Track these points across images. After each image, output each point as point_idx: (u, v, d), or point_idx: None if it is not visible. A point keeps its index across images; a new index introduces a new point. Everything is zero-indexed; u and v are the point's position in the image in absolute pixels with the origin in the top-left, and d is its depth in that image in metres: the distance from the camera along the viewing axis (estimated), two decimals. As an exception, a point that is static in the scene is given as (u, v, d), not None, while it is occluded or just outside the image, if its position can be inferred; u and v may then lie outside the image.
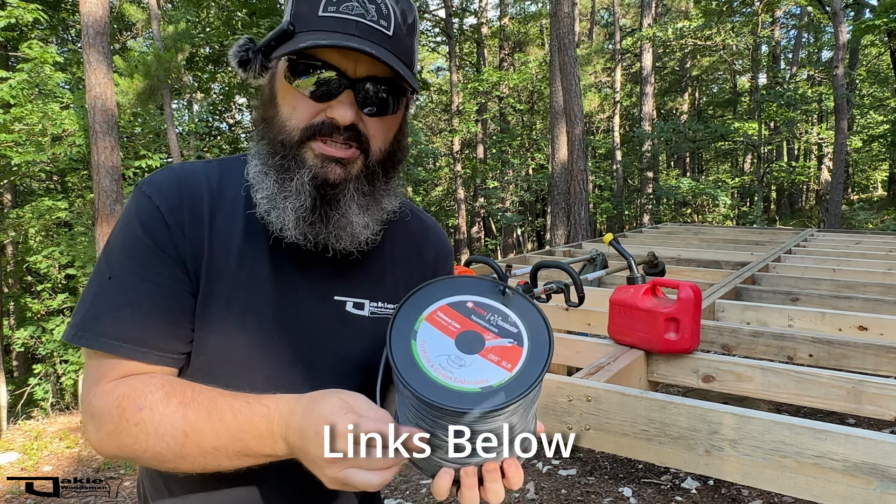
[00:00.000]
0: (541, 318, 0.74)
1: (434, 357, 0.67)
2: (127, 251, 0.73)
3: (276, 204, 0.73)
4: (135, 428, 0.67)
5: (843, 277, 3.30)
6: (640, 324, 1.92)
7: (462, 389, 0.65)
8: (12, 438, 4.90)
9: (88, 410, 0.72)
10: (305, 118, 0.72)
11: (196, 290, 0.75)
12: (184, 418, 0.66)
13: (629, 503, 3.25)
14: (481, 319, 0.71)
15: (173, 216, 0.74)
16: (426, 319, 0.69)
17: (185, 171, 0.79)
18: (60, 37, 13.66)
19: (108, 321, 0.71)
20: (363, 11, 0.70)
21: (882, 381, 1.68)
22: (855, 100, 17.66)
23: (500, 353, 0.69)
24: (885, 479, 1.23)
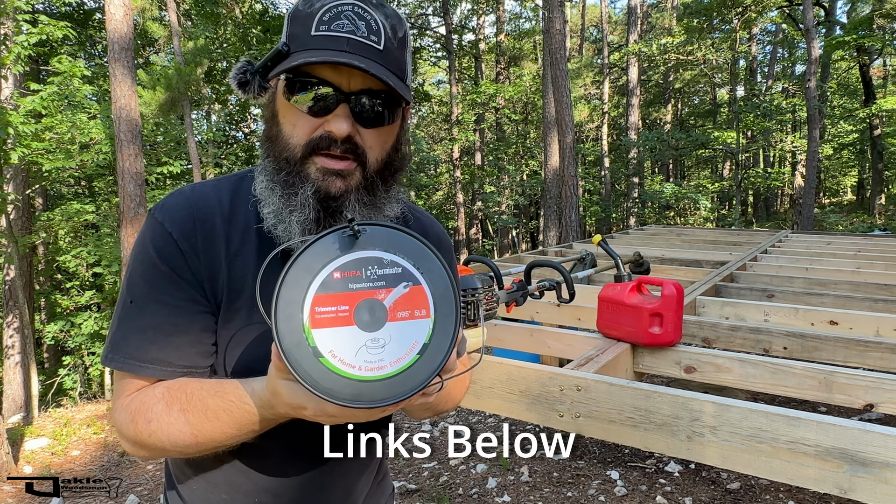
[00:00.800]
0: (408, 237, 0.61)
1: (353, 358, 0.56)
2: (145, 277, 0.73)
3: (283, 218, 0.73)
4: (149, 438, 0.70)
5: (815, 276, 3.30)
6: (627, 319, 1.92)
7: (405, 367, 0.57)
8: (43, 425, 4.90)
9: (114, 423, 0.76)
10: (306, 134, 0.72)
11: (215, 309, 0.75)
12: (187, 423, 0.69)
13: (616, 485, 3.25)
14: (360, 282, 0.58)
15: (187, 242, 0.73)
16: (313, 327, 0.57)
17: (196, 195, 0.77)
18: (88, 52, 13.66)
19: (134, 344, 0.72)
20: (353, 28, 0.69)
21: (851, 371, 1.68)
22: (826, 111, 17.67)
23: (406, 305, 0.59)
24: (853, 463, 1.23)
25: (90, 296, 10.81)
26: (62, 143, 7.92)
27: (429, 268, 0.60)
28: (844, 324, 2.34)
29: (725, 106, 20.48)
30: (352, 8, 0.70)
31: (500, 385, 1.72)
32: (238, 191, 0.79)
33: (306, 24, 0.69)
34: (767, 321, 2.48)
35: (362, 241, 0.59)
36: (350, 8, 0.70)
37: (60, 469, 3.92)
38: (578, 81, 19.27)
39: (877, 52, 17.86)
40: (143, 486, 3.64)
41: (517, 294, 1.99)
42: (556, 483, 3.30)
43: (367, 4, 0.71)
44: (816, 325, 2.39)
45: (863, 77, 17.27)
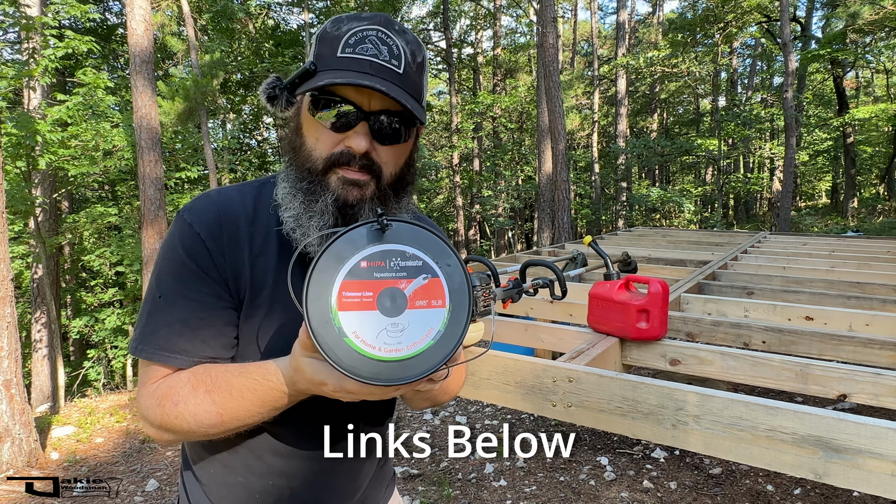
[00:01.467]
0: (427, 233, 0.63)
1: (374, 340, 0.58)
2: (173, 274, 0.74)
3: (302, 223, 0.73)
4: (176, 420, 0.71)
5: (791, 274, 3.30)
6: (616, 314, 1.92)
7: (420, 350, 0.59)
8: (69, 414, 4.91)
9: (139, 410, 0.76)
10: (327, 148, 0.73)
11: (238, 305, 0.76)
12: (213, 403, 0.69)
13: (606, 470, 3.26)
14: (384, 272, 0.60)
15: (214, 242, 0.74)
16: (340, 310, 0.58)
17: (222, 199, 0.79)
18: (111, 64, 13.66)
19: (163, 336, 0.73)
20: (377, 52, 0.70)
21: (825, 364, 1.68)
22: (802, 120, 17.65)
23: (424, 295, 0.61)
24: (828, 450, 1.23)
25: (113, 293, 10.81)
26: (87, 149, 7.92)
27: (446, 262, 0.62)
28: (819, 319, 2.34)
29: (708, 115, 20.49)
30: (376, 33, 0.71)
31: (497, 377, 1.72)
32: (260, 196, 0.81)
33: (333, 46, 0.71)
34: (747, 317, 2.48)
35: (388, 236, 0.61)
36: (374, 33, 0.71)
37: (85, 455, 3.93)
38: (570, 92, 19.26)
39: (850, 64, 17.87)
40: (162, 471, 3.64)
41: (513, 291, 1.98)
42: (550, 468, 3.30)
43: (391, 30, 0.72)
44: (793, 321, 2.39)
45: (837, 88, 17.28)
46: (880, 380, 1.60)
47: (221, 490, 0.84)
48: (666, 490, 3.01)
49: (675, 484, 3.07)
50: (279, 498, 0.83)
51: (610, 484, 3.10)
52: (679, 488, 3.02)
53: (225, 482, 0.83)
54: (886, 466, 1.17)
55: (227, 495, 0.83)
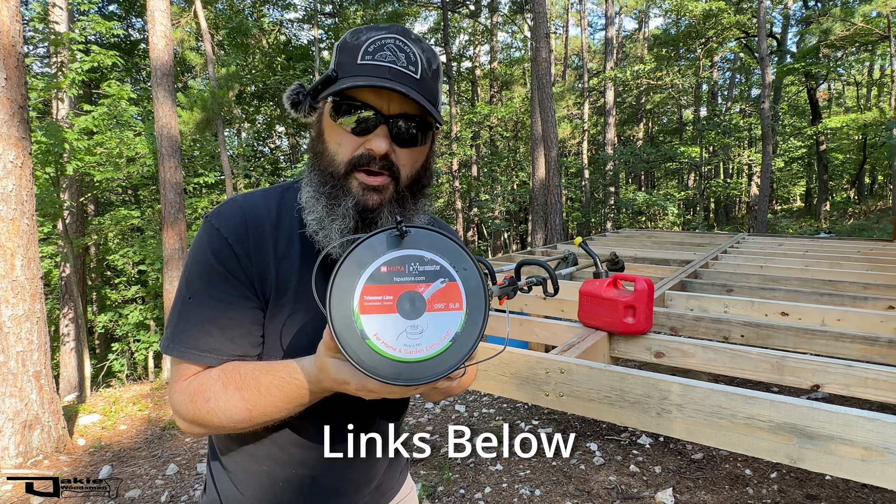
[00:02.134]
0: (445, 239, 0.61)
1: (395, 341, 0.57)
2: (202, 276, 0.73)
3: (324, 225, 0.72)
4: (207, 415, 0.70)
5: (768, 273, 3.30)
6: (604, 310, 1.92)
7: (439, 352, 0.58)
8: (95, 403, 4.91)
9: (172, 405, 0.75)
10: (349, 151, 0.71)
11: (264, 305, 0.75)
12: (242, 399, 0.69)
13: (595, 455, 3.25)
14: (403, 276, 0.59)
15: (241, 246, 0.73)
16: (361, 313, 0.57)
17: (248, 204, 0.77)
18: (134, 77, 13.65)
19: (193, 335, 0.73)
20: (395, 59, 0.69)
21: (800, 356, 1.68)
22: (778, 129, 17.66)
23: (442, 298, 0.59)
24: (802, 437, 1.23)
25: (135, 290, 10.81)
26: (111, 156, 7.92)
27: (463, 266, 0.61)
28: (794, 315, 2.34)
29: (690, 124, 20.49)
30: (394, 41, 0.70)
31: (494, 368, 1.72)
32: (284, 200, 0.79)
33: (353, 54, 0.70)
34: (727, 312, 2.48)
35: (407, 241, 0.60)
36: (392, 41, 0.70)
37: (109, 441, 3.92)
38: (562, 103, 19.26)
39: (822, 77, 17.87)
40: (181, 456, 3.64)
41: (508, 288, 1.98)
42: (542, 454, 3.30)
43: (407, 39, 0.72)
44: (770, 316, 2.39)
45: (810, 99, 17.27)
46: (851, 371, 1.60)
47: (247, 478, 0.83)
48: (651, 474, 3.01)
49: (660, 468, 3.07)
50: (301, 486, 0.82)
51: (599, 468, 3.10)
52: (663, 472, 3.02)
53: (251, 471, 0.83)
54: (856, 452, 1.17)
55: (253, 483, 0.83)
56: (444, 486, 2.98)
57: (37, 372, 3.52)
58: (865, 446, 1.16)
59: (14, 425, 3.41)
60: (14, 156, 3.39)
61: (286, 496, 0.82)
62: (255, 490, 0.83)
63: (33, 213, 3.54)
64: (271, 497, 0.82)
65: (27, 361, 3.47)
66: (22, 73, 3.44)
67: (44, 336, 3.58)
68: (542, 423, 3.76)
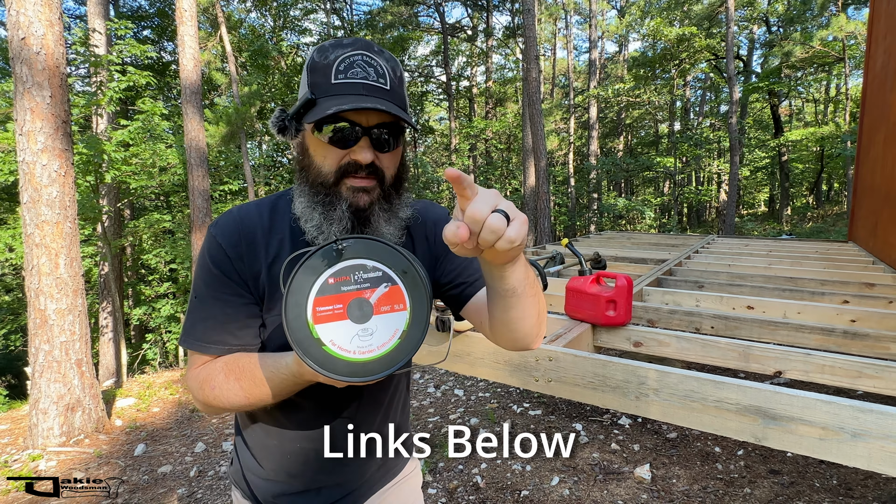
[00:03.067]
0: (383, 245, 0.61)
1: (349, 344, 0.58)
2: (204, 279, 0.75)
3: (323, 229, 0.72)
4: (214, 400, 0.73)
5: (735, 270, 3.30)
6: (588, 304, 1.92)
7: (389, 349, 0.58)
8: (130, 388, 4.90)
9: (188, 388, 0.79)
10: (335, 163, 0.71)
11: (259, 301, 0.76)
12: (241, 388, 0.72)
13: (580, 435, 3.25)
14: (349, 285, 0.59)
15: (234, 250, 0.74)
16: (316, 323, 0.57)
17: (242, 214, 0.77)
18: (165, 95, 13.64)
19: (200, 330, 0.75)
20: (366, 75, 0.68)
21: (763, 346, 1.68)
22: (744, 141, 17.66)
23: (387, 301, 0.59)
24: (766, 418, 1.23)
25: (167, 286, 10.80)
26: (145, 166, 7.91)
27: (402, 269, 0.60)
28: (759, 308, 2.35)
29: (665, 137, 20.48)
30: (361, 57, 0.69)
31: (489, 357, 1.73)
32: (276, 208, 0.79)
33: (325, 74, 0.68)
34: (698, 306, 2.48)
35: (350, 252, 0.59)
36: (360, 57, 0.69)
37: (143, 422, 3.92)
38: (550, 118, 19.25)
39: (784, 95, 17.87)
40: (208, 435, 3.64)
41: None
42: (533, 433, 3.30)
43: (372, 53, 0.70)
44: (737, 309, 2.39)
45: (773, 115, 17.26)
46: (810, 359, 1.60)
47: (263, 451, 0.85)
48: (630, 451, 3.01)
49: (638, 446, 3.07)
50: (307, 459, 0.83)
51: (584, 446, 3.10)
52: (641, 450, 3.02)
53: (265, 444, 0.84)
54: (815, 431, 1.17)
55: (267, 455, 0.85)
56: (445, 462, 2.98)
57: (78, 360, 3.52)
58: (823, 426, 1.16)
59: (58, 408, 3.41)
60: (58, 166, 3.39)
61: (294, 467, 0.84)
62: (270, 462, 0.84)
63: (75, 217, 3.54)
64: (281, 467, 0.84)
65: (70, 350, 3.47)
66: (65, 91, 3.44)
67: (85, 327, 3.58)
68: (533, 406, 3.76)
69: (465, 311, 0.83)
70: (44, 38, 3.29)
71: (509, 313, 0.68)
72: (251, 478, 0.87)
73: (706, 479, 2.67)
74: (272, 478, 0.85)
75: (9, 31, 3.29)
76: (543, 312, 0.75)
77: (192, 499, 2.76)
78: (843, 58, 13.96)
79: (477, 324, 0.80)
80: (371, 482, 0.90)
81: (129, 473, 3.04)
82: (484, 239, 0.52)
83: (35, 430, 3.37)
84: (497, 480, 2.75)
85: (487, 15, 17.88)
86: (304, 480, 0.84)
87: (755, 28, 18.13)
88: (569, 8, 20.60)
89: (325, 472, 0.85)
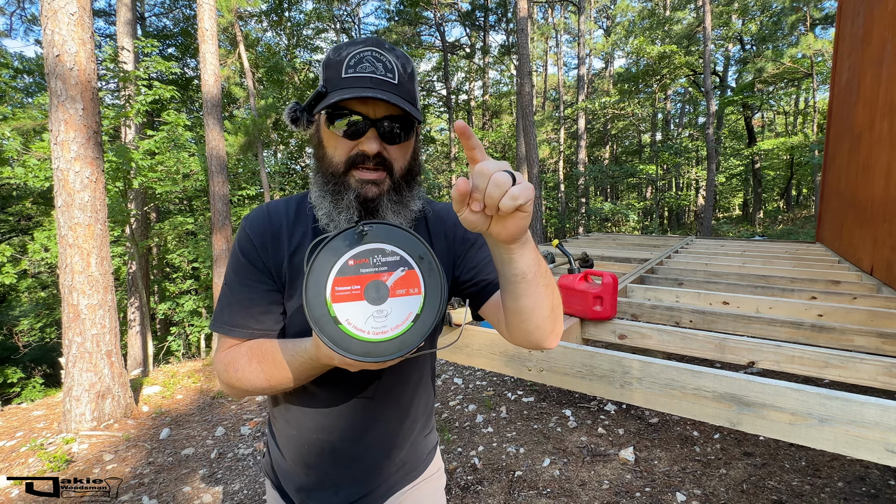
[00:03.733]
0: (403, 232, 0.59)
1: (364, 324, 0.56)
2: (234, 268, 0.75)
3: (333, 218, 0.71)
4: (237, 382, 0.72)
5: (712, 269, 3.30)
6: (577, 300, 1.92)
7: (403, 331, 0.56)
8: (156, 377, 4.90)
9: (215, 370, 0.77)
10: (345, 153, 0.69)
11: (282, 289, 0.76)
12: (262, 371, 0.71)
13: (569, 420, 3.25)
14: (368, 267, 0.57)
15: (259, 240, 0.74)
16: (333, 302, 0.56)
17: (270, 209, 0.78)
18: (188, 107, 13.63)
19: (227, 314, 0.75)
20: (374, 69, 0.66)
21: (738, 338, 1.68)
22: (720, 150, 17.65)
23: (403, 285, 0.57)
24: (740, 404, 1.23)
25: (190, 283, 10.79)
26: (169, 173, 7.90)
27: (419, 255, 0.59)
28: (734, 304, 2.35)
29: (648, 146, 20.47)
30: (371, 53, 0.67)
31: (486, 348, 1.72)
32: (301, 204, 0.80)
33: (337, 70, 0.67)
34: (678, 302, 2.48)
35: (370, 237, 0.58)
36: (370, 53, 0.67)
37: (168, 408, 3.92)
38: (542, 129, 19.24)
39: (757, 107, 17.86)
40: (228, 420, 3.64)
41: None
42: (526, 419, 3.30)
43: (382, 49, 0.68)
44: (713, 305, 2.39)
45: (747, 126, 17.26)
46: (780, 350, 1.61)
47: (285, 441, 0.83)
48: (615, 435, 3.01)
49: (623, 430, 3.07)
50: (321, 450, 0.80)
51: (572, 430, 3.10)
52: (626, 434, 3.02)
53: (287, 435, 0.83)
54: (785, 417, 1.17)
55: (289, 445, 0.83)
56: (445, 445, 2.98)
57: (108, 351, 3.52)
58: (792, 412, 1.16)
59: (89, 395, 3.41)
60: (90, 172, 3.39)
61: (311, 458, 0.81)
62: (291, 451, 0.82)
63: (105, 219, 3.54)
64: (299, 458, 0.81)
65: (100, 342, 3.47)
66: (96, 104, 3.44)
67: (114, 321, 3.58)
68: (526, 394, 3.76)
69: (483, 309, 0.79)
70: (76, 56, 3.28)
71: (520, 301, 0.64)
72: (277, 468, 0.85)
73: (685, 460, 2.67)
74: (292, 469, 0.82)
75: (44, 48, 3.28)
76: (558, 308, 0.71)
77: (213, 478, 2.76)
78: (811, 73, 13.95)
79: (494, 322, 0.77)
80: (391, 482, 0.84)
81: (155, 455, 3.03)
82: (490, 195, 0.49)
83: (68, 416, 3.37)
84: (493, 462, 2.75)
85: (484, 34, 17.88)
86: (319, 474, 0.80)
87: (730, 46, 18.13)
88: (559, 28, 20.61)
89: (341, 467, 0.80)
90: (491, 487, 2.48)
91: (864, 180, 3.46)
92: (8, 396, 9.95)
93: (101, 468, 2.83)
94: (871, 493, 2.30)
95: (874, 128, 3.27)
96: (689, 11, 16.91)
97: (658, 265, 3.43)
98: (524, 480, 2.53)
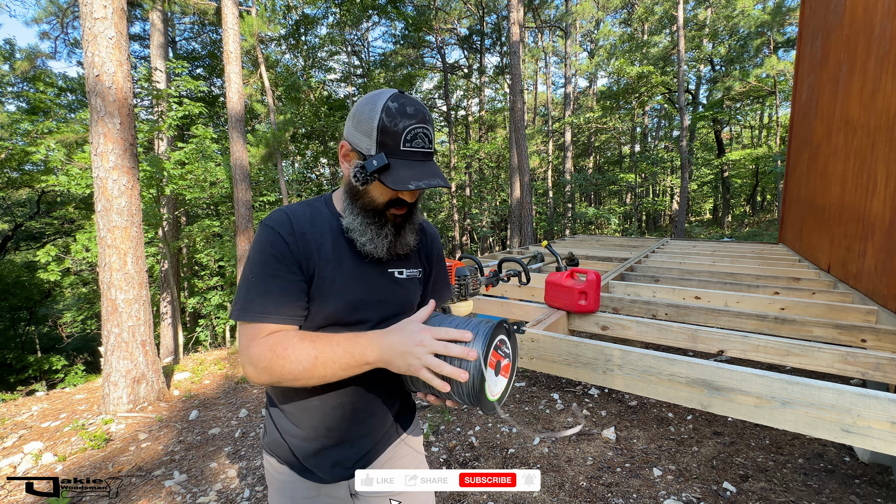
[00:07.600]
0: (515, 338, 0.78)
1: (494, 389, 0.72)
2: (262, 262, 0.76)
3: (376, 243, 0.80)
4: (282, 360, 0.72)
5: (686, 267, 3.30)
6: (564, 295, 1.92)
7: (497, 399, 0.73)
8: (186, 364, 4.90)
9: (248, 357, 0.75)
10: (387, 198, 0.80)
11: (309, 279, 0.78)
12: (314, 348, 0.72)
13: (557, 403, 3.25)
14: (500, 350, 0.73)
15: (290, 236, 0.77)
16: (491, 365, 0.72)
17: (291, 210, 0.82)
18: (215, 122, 13.62)
19: (258, 304, 0.75)
20: (423, 144, 0.76)
21: (709, 329, 1.68)
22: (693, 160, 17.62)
23: (505, 370, 0.74)
24: (710, 389, 1.23)
25: (216, 280, 10.78)
26: (198, 181, 7.90)
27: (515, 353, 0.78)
28: (705, 298, 2.35)
29: (627, 157, 20.45)
30: (422, 130, 0.75)
31: (482, 338, 1.72)
32: (314, 208, 0.84)
33: (395, 140, 0.74)
34: (655, 297, 2.48)
35: (499, 331, 0.73)
36: (422, 130, 0.75)
37: (197, 392, 3.92)
38: (532, 142, 19.23)
39: (726, 122, 17.84)
40: (251, 403, 3.64)
41: (493, 279, 1.99)
42: (518, 402, 3.30)
43: (428, 125, 0.76)
44: (686, 299, 2.39)
45: (717, 138, 17.25)
46: (747, 340, 1.61)
47: (303, 414, 0.84)
48: (598, 416, 3.01)
49: (605, 412, 3.07)
50: (343, 413, 0.84)
51: (560, 412, 3.10)
52: (608, 415, 3.02)
53: (306, 407, 0.84)
54: (751, 400, 1.17)
55: (308, 416, 0.84)
56: (445, 425, 2.98)
57: (143, 341, 3.52)
58: (757, 396, 1.16)
59: (126, 381, 3.41)
60: (126, 181, 3.39)
61: (334, 421, 0.84)
62: (311, 420, 0.84)
63: (140, 223, 3.54)
64: (322, 424, 0.84)
65: (136, 333, 3.47)
66: (132, 119, 3.44)
67: (148, 314, 3.59)
68: (518, 379, 3.75)
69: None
70: (114, 76, 3.29)
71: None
72: (292, 441, 0.85)
73: (661, 439, 2.67)
74: (312, 436, 0.84)
75: (85, 69, 3.28)
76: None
77: (237, 455, 2.76)
78: (774, 91, 13.95)
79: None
80: (390, 433, 0.91)
81: (185, 435, 3.04)
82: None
83: (107, 399, 3.37)
84: (488, 440, 2.75)
85: (481, 56, 17.88)
86: (341, 433, 0.85)
87: (702, 67, 18.12)
88: (548, 50, 20.61)
89: (359, 423, 0.86)
90: (487, 463, 2.48)
91: (822, 187, 3.46)
92: (53, 382, 9.96)
93: (136, 446, 2.83)
94: (828, 468, 2.30)
95: (831, 140, 3.27)
96: (665, 36, 16.92)
97: (637, 264, 3.43)
98: (516, 457, 2.53)
